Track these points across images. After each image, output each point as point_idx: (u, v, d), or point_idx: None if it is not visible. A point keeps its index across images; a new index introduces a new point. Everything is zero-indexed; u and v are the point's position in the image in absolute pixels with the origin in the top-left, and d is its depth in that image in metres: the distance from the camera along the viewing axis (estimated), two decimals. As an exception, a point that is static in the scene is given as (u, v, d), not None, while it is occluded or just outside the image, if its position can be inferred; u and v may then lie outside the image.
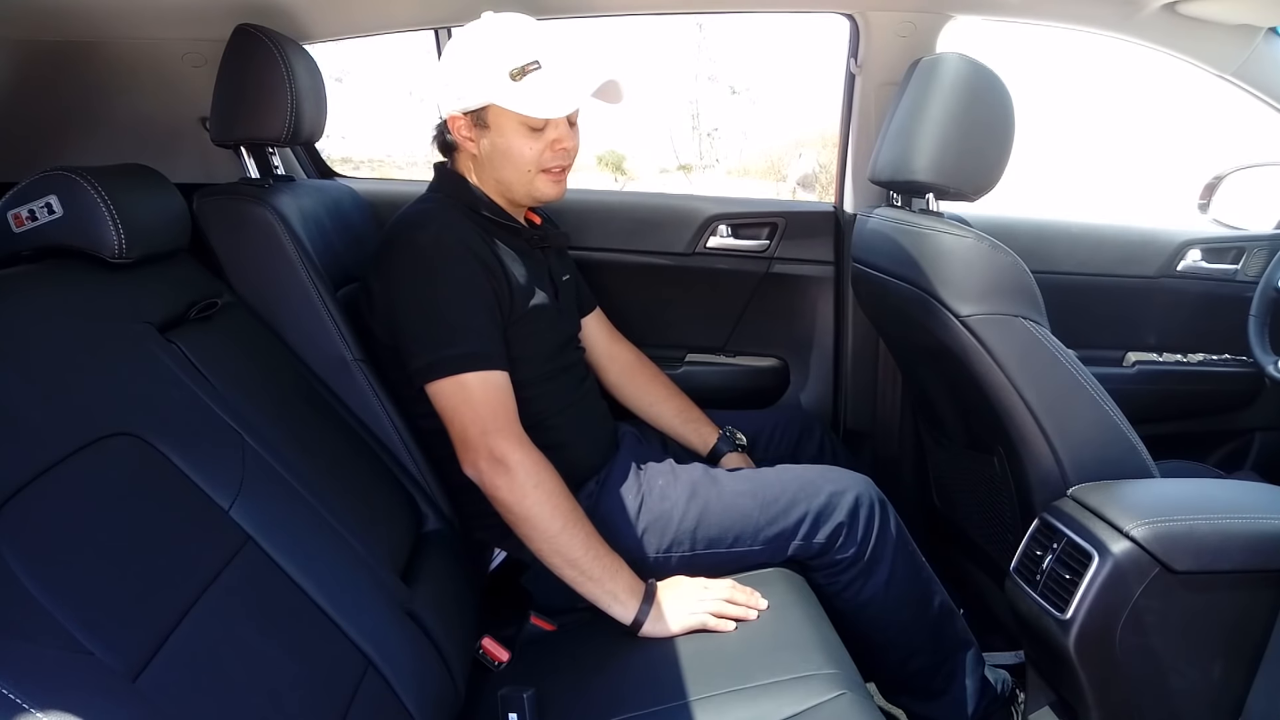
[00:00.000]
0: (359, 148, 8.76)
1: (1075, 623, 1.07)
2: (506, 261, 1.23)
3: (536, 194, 1.27)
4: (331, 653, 0.90)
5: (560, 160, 1.25)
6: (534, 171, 1.24)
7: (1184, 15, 1.54)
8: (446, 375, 1.16)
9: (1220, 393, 1.82)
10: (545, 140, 1.22)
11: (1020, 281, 1.18)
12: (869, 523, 1.25)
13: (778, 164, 9.33)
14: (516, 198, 1.28)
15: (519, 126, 1.21)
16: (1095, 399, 1.18)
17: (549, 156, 1.23)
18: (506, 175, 1.25)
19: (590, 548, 1.15)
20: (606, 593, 1.14)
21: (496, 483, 1.14)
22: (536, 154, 1.23)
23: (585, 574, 1.14)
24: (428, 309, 1.17)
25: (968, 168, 1.22)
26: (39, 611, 0.66)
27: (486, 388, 1.16)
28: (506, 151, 1.23)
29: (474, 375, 1.15)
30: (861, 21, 1.63)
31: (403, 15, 1.61)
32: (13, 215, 0.98)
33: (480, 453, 1.15)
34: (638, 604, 1.14)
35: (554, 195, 1.27)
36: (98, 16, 1.40)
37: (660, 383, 1.55)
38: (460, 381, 1.15)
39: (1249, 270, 1.78)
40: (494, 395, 1.16)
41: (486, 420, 1.15)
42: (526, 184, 1.25)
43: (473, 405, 1.16)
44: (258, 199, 1.24)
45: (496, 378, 1.17)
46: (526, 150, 1.22)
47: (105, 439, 0.82)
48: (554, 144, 1.23)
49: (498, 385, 1.17)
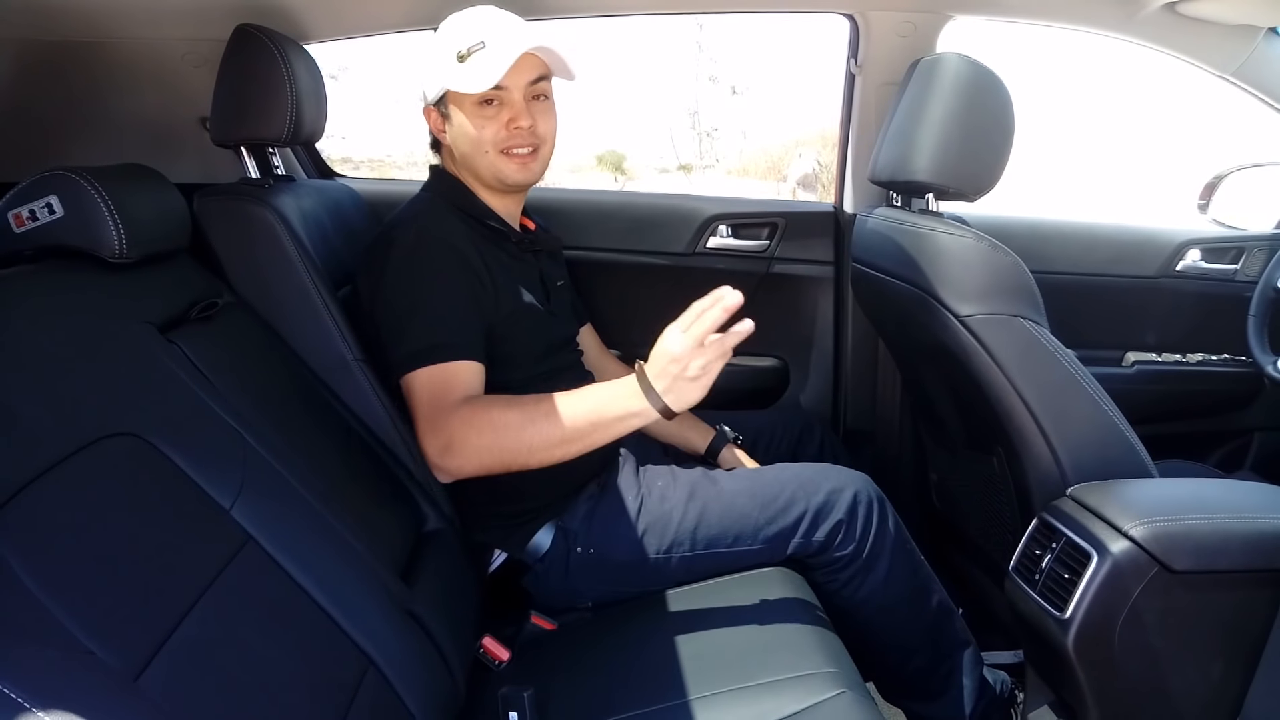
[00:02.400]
0: (359, 148, 8.78)
1: (1074, 622, 1.07)
2: (493, 263, 1.23)
3: (502, 177, 1.25)
4: (332, 652, 0.90)
5: (518, 140, 1.22)
6: (492, 153, 1.22)
7: (1184, 15, 1.55)
8: (412, 369, 1.15)
9: (1219, 393, 1.82)
10: (499, 120, 1.21)
11: (1020, 281, 1.18)
12: (868, 520, 1.25)
13: (778, 164, 9.34)
14: (488, 182, 1.27)
15: (471, 107, 1.21)
16: (1094, 399, 1.18)
17: (504, 136, 1.22)
18: (472, 161, 1.25)
19: (575, 415, 1.07)
20: (620, 423, 1.05)
21: (450, 467, 1.11)
22: (492, 134, 1.21)
23: (595, 429, 1.07)
24: (403, 305, 1.18)
25: (967, 168, 1.22)
26: (40, 611, 0.66)
27: (435, 378, 1.13)
28: (465, 134, 1.23)
29: (432, 368, 1.13)
30: (861, 21, 1.64)
31: (401, 15, 1.61)
32: (13, 215, 0.98)
33: (428, 445, 1.12)
34: (645, 405, 1.02)
35: (522, 179, 1.25)
36: (98, 16, 1.40)
37: None
38: (418, 375, 1.14)
39: (1248, 270, 1.78)
40: (440, 382, 1.13)
41: (430, 407, 1.12)
42: (489, 166, 1.24)
43: (419, 396, 1.14)
44: (258, 199, 1.24)
45: (453, 367, 1.14)
46: (482, 130, 1.21)
47: (106, 439, 0.82)
48: (509, 123, 1.21)
49: (451, 372, 1.14)
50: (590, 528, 1.25)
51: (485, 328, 1.20)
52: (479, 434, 1.09)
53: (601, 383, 1.10)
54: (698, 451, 1.49)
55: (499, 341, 1.22)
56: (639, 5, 1.70)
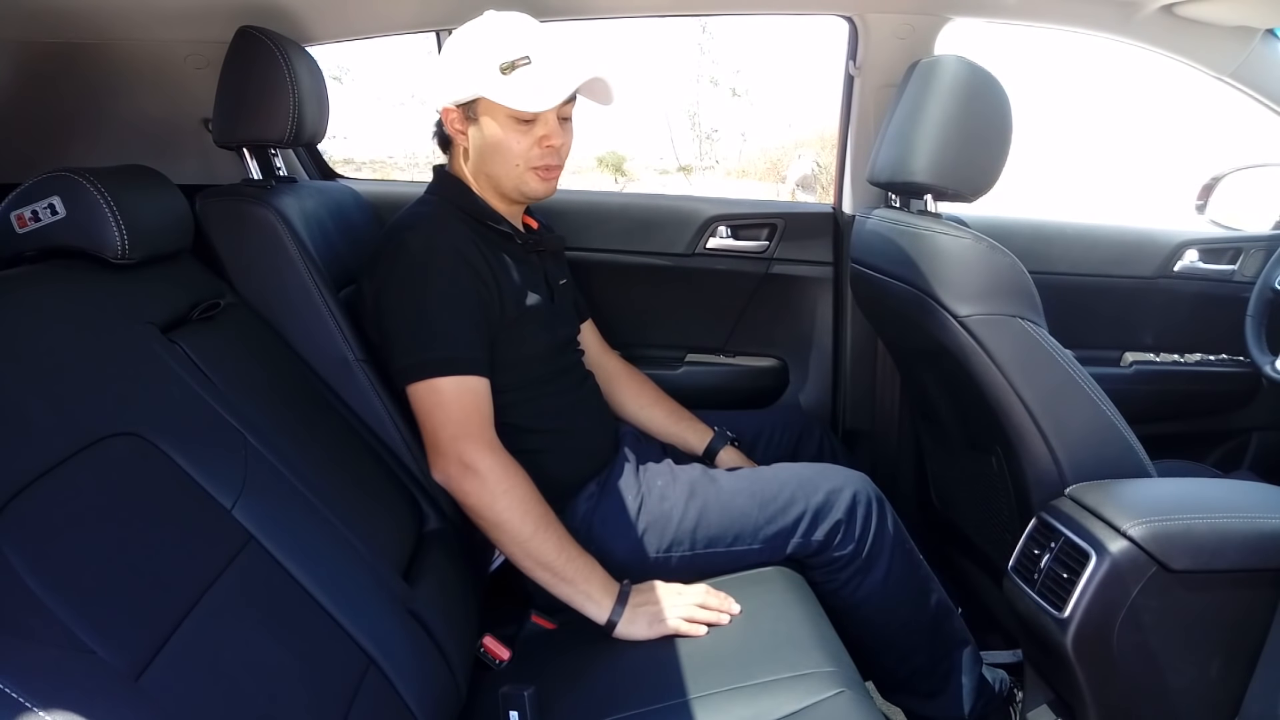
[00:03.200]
0: (361, 149, 8.78)
1: (1073, 621, 1.08)
2: (499, 267, 1.23)
3: (526, 190, 1.26)
4: (333, 651, 0.90)
5: (549, 158, 1.24)
6: (523, 167, 1.23)
7: (1181, 17, 1.55)
8: (423, 378, 1.16)
9: (1217, 393, 1.82)
10: (533, 136, 1.22)
11: (1018, 282, 1.18)
12: (867, 519, 1.26)
13: (777, 165, 9.34)
14: (506, 192, 1.28)
15: (507, 120, 1.21)
16: (1093, 399, 1.18)
17: (537, 154, 1.23)
18: (496, 170, 1.25)
19: (563, 550, 1.15)
20: (581, 593, 1.14)
21: (466, 488, 1.15)
22: (525, 149, 1.22)
23: (559, 576, 1.14)
24: (411, 312, 1.18)
25: (966, 169, 1.23)
26: (42, 611, 0.67)
27: (461, 392, 1.16)
28: (496, 145, 1.23)
29: (450, 380, 1.15)
30: (860, 24, 1.64)
31: (404, 17, 1.61)
32: (16, 216, 0.99)
33: (450, 458, 1.15)
34: (612, 604, 1.14)
35: (543, 193, 1.27)
36: (101, 18, 1.41)
37: (649, 388, 1.55)
38: (435, 385, 1.16)
39: (1246, 271, 1.78)
40: (468, 400, 1.16)
41: (458, 425, 1.15)
42: (515, 179, 1.25)
43: (445, 409, 1.16)
44: (260, 200, 1.25)
45: (473, 383, 1.17)
46: (515, 145, 1.22)
47: (108, 439, 0.82)
48: (542, 140, 1.22)
49: (473, 390, 1.17)
50: (590, 527, 1.26)
51: (491, 338, 1.21)
52: (508, 490, 1.14)
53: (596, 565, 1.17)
54: (695, 452, 1.50)
55: (504, 346, 1.22)
56: (641, 7, 1.70)
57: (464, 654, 1.10)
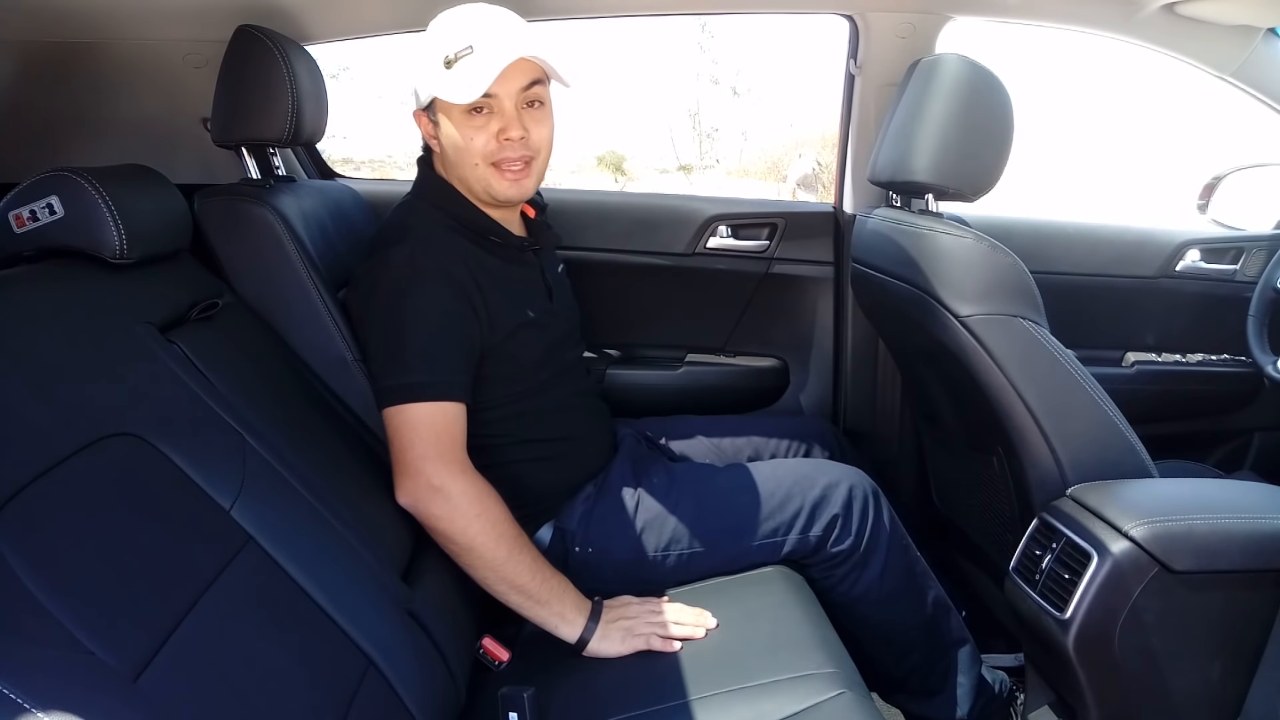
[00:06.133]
0: (360, 148, 8.77)
1: (1074, 622, 1.07)
2: (484, 279, 1.18)
3: (493, 192, 1.19)
4: (332, 652, 0.90)
5: (509, 151, 1.16)
6: (483, 165, 1.16)
7: (1183, 16, 1.55)
8: (396, 403, 1.12)
9: (1219, 393, 1.82)
10: (489, 130, 1.15)
11: (1019, 282, 1.18)
12: (863, 514, 1.25)
13: (778, 164, 9.33)
14: (479, 195, 1.22)
15: (459, 116, 1.15)
16: (1094, 399, 1.18)
17: (494, 148, 1.15)
18: (463, 171, 1.19)
19: (537, 571, 1.13)
20: (554, 614, 1.12)
21: (435, 512, 1.10)
22: (482, 145, 1.15)
23: (533, 598, 1.12)
24: (389, 333, 1.14)
25: (967, 168, 1.23)
26: (40, 611, 0.66)
27: (435, 417, 1.12)
28: (454, 145, 1.17)
29: (423, 406, 1.11)
30: (861, 22, 1.64)
31: (403, 16, 1.61)
32: (14, 216, 0.98)
33: (418, 479, 1.10)
34: (584, 622, 1.12)
35: (512, 195, 1.19)
36: (99, 17, 1.41)
37: None
38: (408, 410, 1.12)
39: (1248, 270, 1.78)
40: (440, 424, 1.12)
41: (428, 446, 1.10)
42: (481, 180, 1.18)
43: (416, 431, 1.11)
44: (259, 199, 1.25)
45: (448, 408, 1.12)
46: (471, 141, 1.15)
47: (106, 439, 0.82)
48: (499, 134, 1.15)
49: (447, 414, 1.12)
50: (588, 527, 1.25)
51: (482, 353, 1.18)
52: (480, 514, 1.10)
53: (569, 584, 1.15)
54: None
55: (499, 360, 1.20)
56: (639, 6, 1.70)
57: (463, 655, 1.10)
